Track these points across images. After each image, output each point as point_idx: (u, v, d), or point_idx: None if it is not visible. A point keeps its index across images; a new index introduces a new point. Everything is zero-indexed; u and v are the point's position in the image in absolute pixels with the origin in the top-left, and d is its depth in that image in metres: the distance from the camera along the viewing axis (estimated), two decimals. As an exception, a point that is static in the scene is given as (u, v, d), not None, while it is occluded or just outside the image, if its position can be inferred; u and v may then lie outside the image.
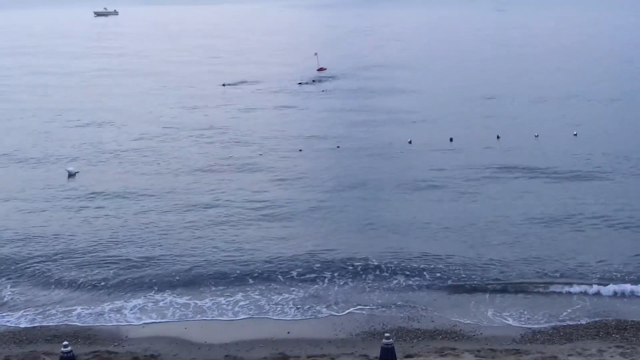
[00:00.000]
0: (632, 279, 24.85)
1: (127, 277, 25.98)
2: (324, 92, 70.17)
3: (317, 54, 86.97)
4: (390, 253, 27.52)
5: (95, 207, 34.28)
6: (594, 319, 22.33)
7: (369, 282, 25.16)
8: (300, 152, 44.68)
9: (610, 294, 23.96)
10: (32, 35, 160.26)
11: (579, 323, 22.09)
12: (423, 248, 27.98)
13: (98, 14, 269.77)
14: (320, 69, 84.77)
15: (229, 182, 38.12)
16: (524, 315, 22.73)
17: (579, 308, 23.15)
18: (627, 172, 38.39)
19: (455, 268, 26.06)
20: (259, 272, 26.09)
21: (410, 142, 46.16)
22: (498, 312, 22.98)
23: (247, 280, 25.42)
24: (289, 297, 24.24)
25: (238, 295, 24.37)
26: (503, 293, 24.23)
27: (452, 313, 22.93)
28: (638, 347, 19.98)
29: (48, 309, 23.69)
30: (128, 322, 22.82)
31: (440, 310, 23.09)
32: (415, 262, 26.63)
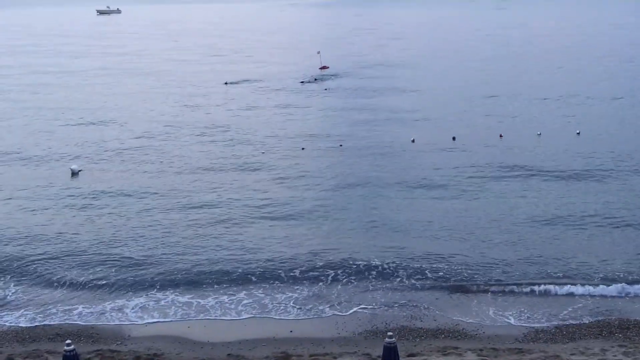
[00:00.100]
0: (635, 279, 24.82)
1: (129, 275, 25.98)
2: (327, 90, 70.19)
3: (319, 53, 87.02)
4: (393, 252, 27.52)
5: (98, 205, 34.29)
6: (597, 318, 22.32)
7: (372, 281, 25.15)
8: (303, 150, 44.71)
9: (613, 294, 23.92)
10: (34, 35, 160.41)
11: (582, 322, 22.09)
12: (425, 247, 27.99)
13: (101, 13, 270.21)
14: (323, 68, 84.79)
15: (232, 180, 38.12)
16: (527, 315, 22.71)
17: (582, 307, 23.14)
18: (629, 170, 38.36)
19: (458, 267, 26.06)
20: (262, 271, 26.09)
21: (414, 140, 46.16)
22: (500, 311, 22.97)
23: (249, 279, 25.41)
24: (292, 296, 24.23)
25: (241, 294, 24.37)
26: (505, 292, 24.20)
27: (454, 312, 22.92)
28: (641, 346, 19.98)
29: (51, 308, 23.69)
30: (131, 321, 22.82)
31: (443, 310, 23.08)
32: (418, 261, 26.63)
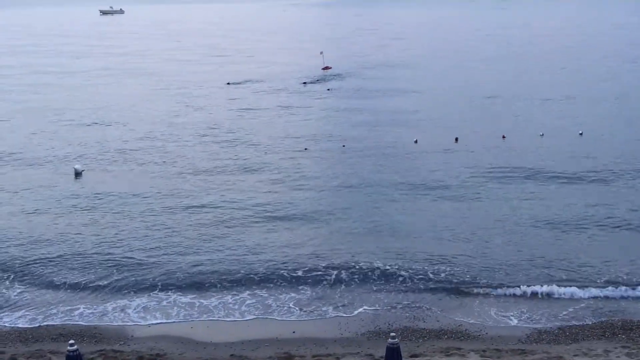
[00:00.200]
0: (638, 281, 24.73)
1: (132, 276, 25.97)
2: (329, 90, 70.20)
3: (322, 53, 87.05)
4: (396, 253, 27.50)
5: (101, 205, 34.29)
6: (600, 319, 22.29)
7: (374, 282, 25.13)
8: (306, 150, 44.72)
9: (616, 295, 23.87)
10: (35, 35, 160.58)
11: (585, 323, 22.06)
12: (428, 248, 27.96)
13: (104, 13, 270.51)
14: (326, 68, 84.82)
15: (234, 181, 38.12)
16: (529, 316, 22.70)
17: (585, 308, 23.11)
18: (632, 171, 38.29)
19: (460, 269, 26.02)
20: (264, 271, 26.07)
21: (416, 141, 46.13)
22: (503, 312, 22.95)
23: (252, 280, 25.39)
24: (294, 296, 24.23)
25: (244, 295, 24.34)
26: (508, 293, 24.16)
27: (457, 313, 22.91)
28: (644, 347, 19.96)
29: (53, 308, 23.70)
30: (133, 321, 22.81)
31: (446, 310, 23.07)
32: (420, 262, 26.60)
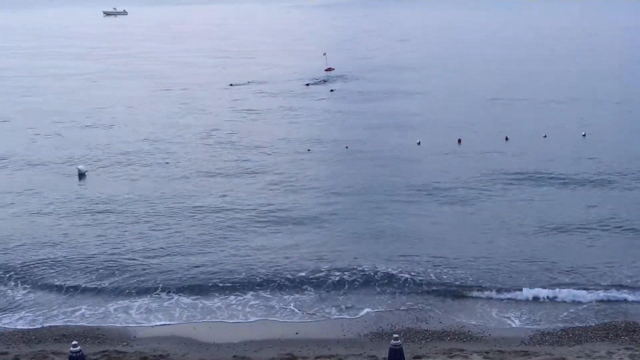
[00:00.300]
0: (641, 282, 24.77)
1: (134, 277, 25.97)
2: (332, 91, 70.24)
3: (325, 54, 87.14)
4: (398, 256, 27.48)
5: (104, 206, 34.33)
6: (603, 321, 22.24)
7: (377, 284, 25.09)
8: (309, 151, 44.77)
9: (619, 296, 23.82)
10: (39, 36, 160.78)
11: (588, 325, 22.03)
12: (431, 251, 27.92)
13: (107, 14, 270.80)
14: (328, 69, 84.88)
15: (237, 183, 38.15)
16: (532, 317, 22.66)
17: (588, 310, 23.07)
18: (636, 173, 38.24)
19: (463, 270, 25.98)
20: (267, 273, 26.07)
21: (419, 143, 46.11)
22: (506, 313, 22.93)
23: (255, 282, 25.39)
24: (298, 297, 24.24)
25: (247, 296, 24.35)
26: (511, 295, 24.11)
27: (460, 315, 22.89)
28: (647, 349, 19.92)
29: (56, 309, 23.72)
30: (136, 322, 22.84)
31: (449, 312, 23.06)
32: (423, 265, 26.58)
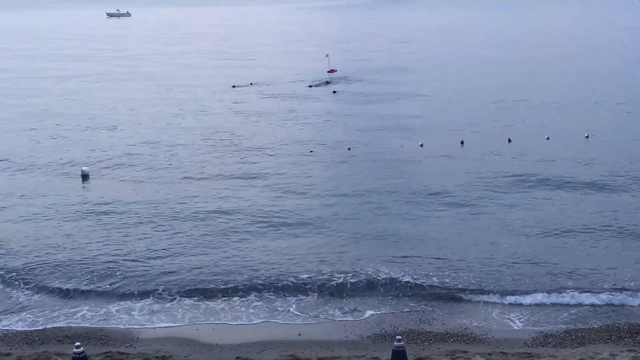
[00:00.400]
0: (645, 284, 24.74)
1: (136, 278, 25.98)
2: (335, 93, 70.28)
3: (328, 56, 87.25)
4: (401, 258, 27.46)
5: (107, 207, 34.36)
6: (606, 323, 22.21)
7: (380, 286, 25.05)
8: (311, 153, 44.77)
9: (622, 299, 23.77)
10: (41, 37, 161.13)
11: (591, 327, 22.00)
12: (433, 253, 27.87)
13: (110, 15, 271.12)
14: (331, 71, 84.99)
15: (240, 185, 38.12)
16: (535, 319, 22.63)
17: (591, 312, 23.04)
18: (639, 174, 38.17)
19: (466, 273, 25.92)
20: (269, 275, 26.05)
21: (422, 145, 46.10)
22: (509, 315, 22.91)
23: (257, 284, 25.36)
24: (301, 299, 24.24)
25: (250, 297, 24.39)
26: (514, 297, 24.08)
27: (463, 316, 22.88)
28: (650, 351, 19.90)
29: (59, 310, 23.74)
30: (139, 323, 22.87)
31: (451, 314, 23.05)
32: (426, 267, 26.55)
